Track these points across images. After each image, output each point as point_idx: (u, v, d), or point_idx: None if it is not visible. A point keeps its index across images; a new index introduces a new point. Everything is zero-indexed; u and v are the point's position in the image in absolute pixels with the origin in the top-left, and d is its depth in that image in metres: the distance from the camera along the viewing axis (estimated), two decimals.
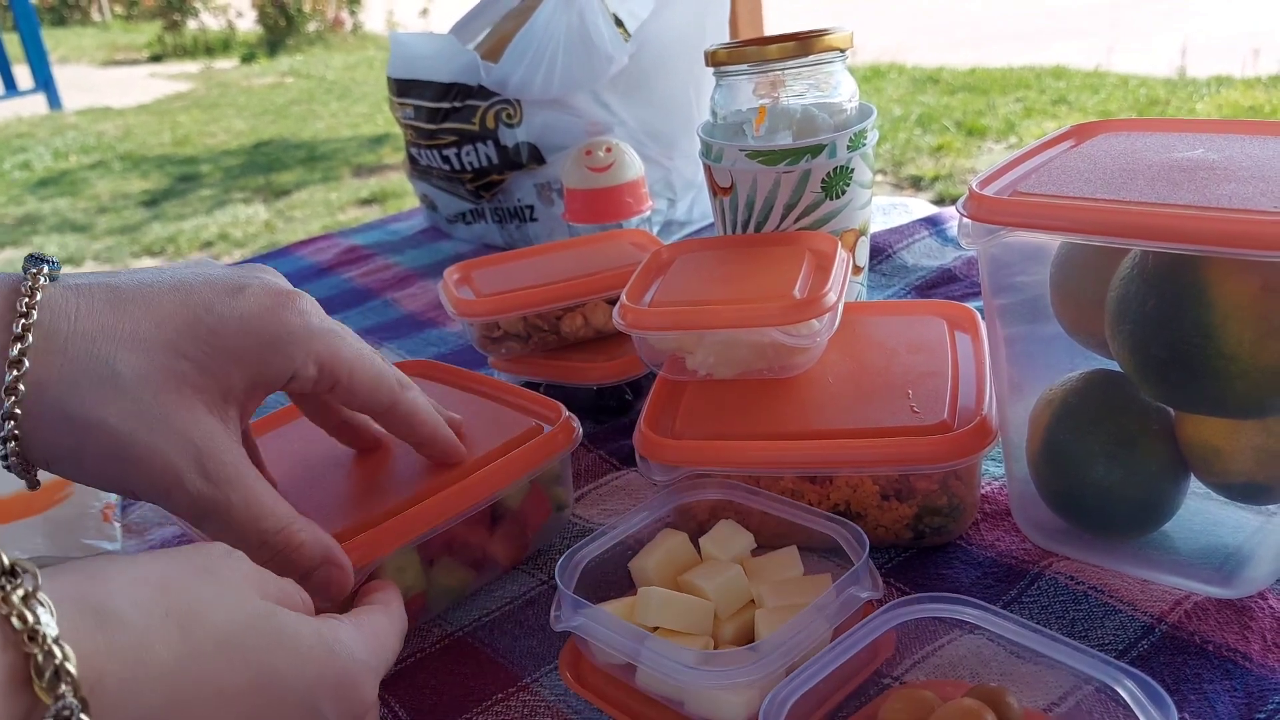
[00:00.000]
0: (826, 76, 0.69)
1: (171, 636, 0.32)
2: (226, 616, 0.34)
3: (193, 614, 0.33)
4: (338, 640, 0.37)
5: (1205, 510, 0.49)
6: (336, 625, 0.38)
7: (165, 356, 0.40)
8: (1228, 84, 4.01)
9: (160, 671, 0.31)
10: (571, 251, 0.77)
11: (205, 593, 0.34)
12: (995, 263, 0.48)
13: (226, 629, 0.33)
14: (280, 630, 0.35)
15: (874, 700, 0.43)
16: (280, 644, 0.35)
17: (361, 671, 0.37)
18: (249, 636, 0.34)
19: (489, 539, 0.54)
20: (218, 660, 0.33)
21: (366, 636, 0.39)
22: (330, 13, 9.13)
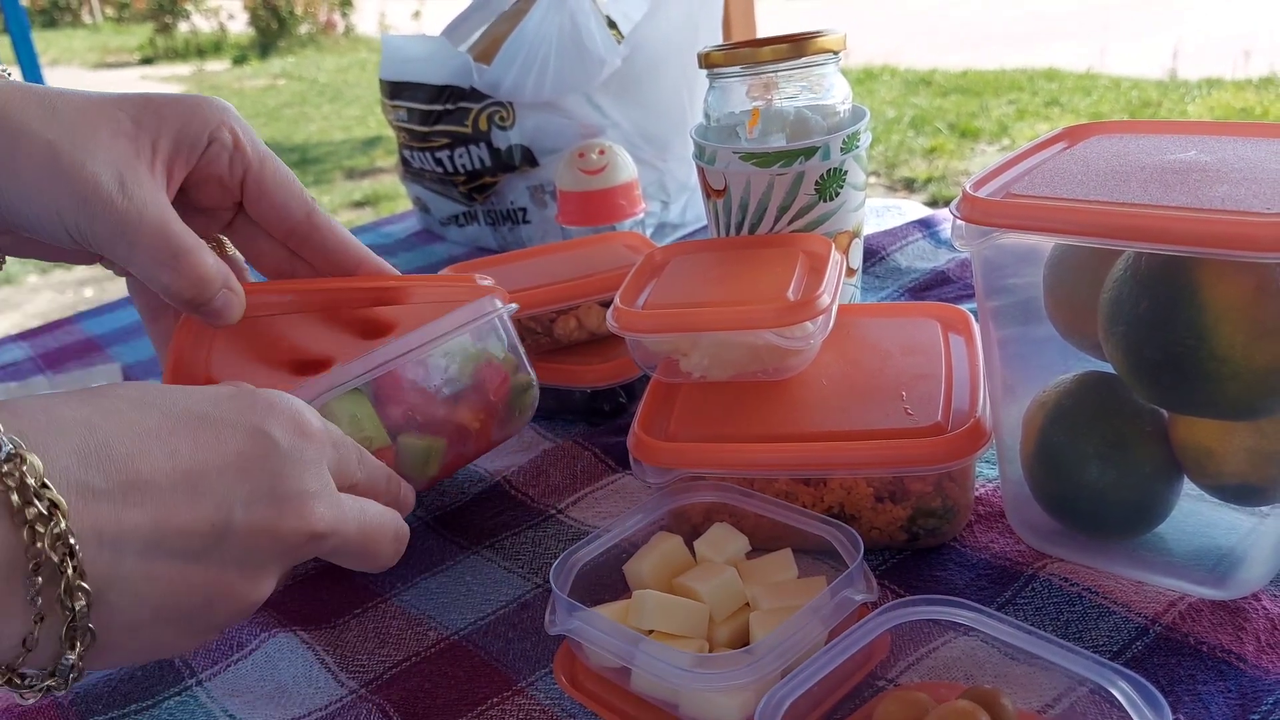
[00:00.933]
0: (819, 78, 0.69)
1: (75, 406, 0.35)
2: (133, 391, 0.37)
3: (96, 392, 0.36)
4: (254, 387, 0.40)
5: (1199, 512, 0.49)
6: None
7: (102, 106, 0.47)
8: (1219, 86, 4.02)
9: (73, 422, 0.34)
10: (566, 254, 0.77)
11: (111, 389, 0.37)
12: (989, 265, 0.48)
13: (134, 394, 0.37)
14: (189, 389, 0.39)
15: (869, 702, 0.42)
16: (191, 393, 0.38)
17: (289, 399, 0.40)
18: (156, 393, 0.37)
19: (454, 409, 0.56)
20: (133, 415, 0.36)
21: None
22: (322, 15, 9.12)
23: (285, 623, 0.54)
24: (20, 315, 3.48)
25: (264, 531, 0.37)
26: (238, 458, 0.37)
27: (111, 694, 0.51)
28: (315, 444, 0.40)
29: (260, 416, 0.38)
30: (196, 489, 0.36)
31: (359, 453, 0.45)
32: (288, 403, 0.40)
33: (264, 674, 0.51)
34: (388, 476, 0.47)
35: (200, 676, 0.51)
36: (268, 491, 0.37)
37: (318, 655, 0.52)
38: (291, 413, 0.40)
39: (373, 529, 0.42)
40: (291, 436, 0.39)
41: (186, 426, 0.36)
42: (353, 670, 0.51)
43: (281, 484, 0.38)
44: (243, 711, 0.49)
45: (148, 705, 0.50)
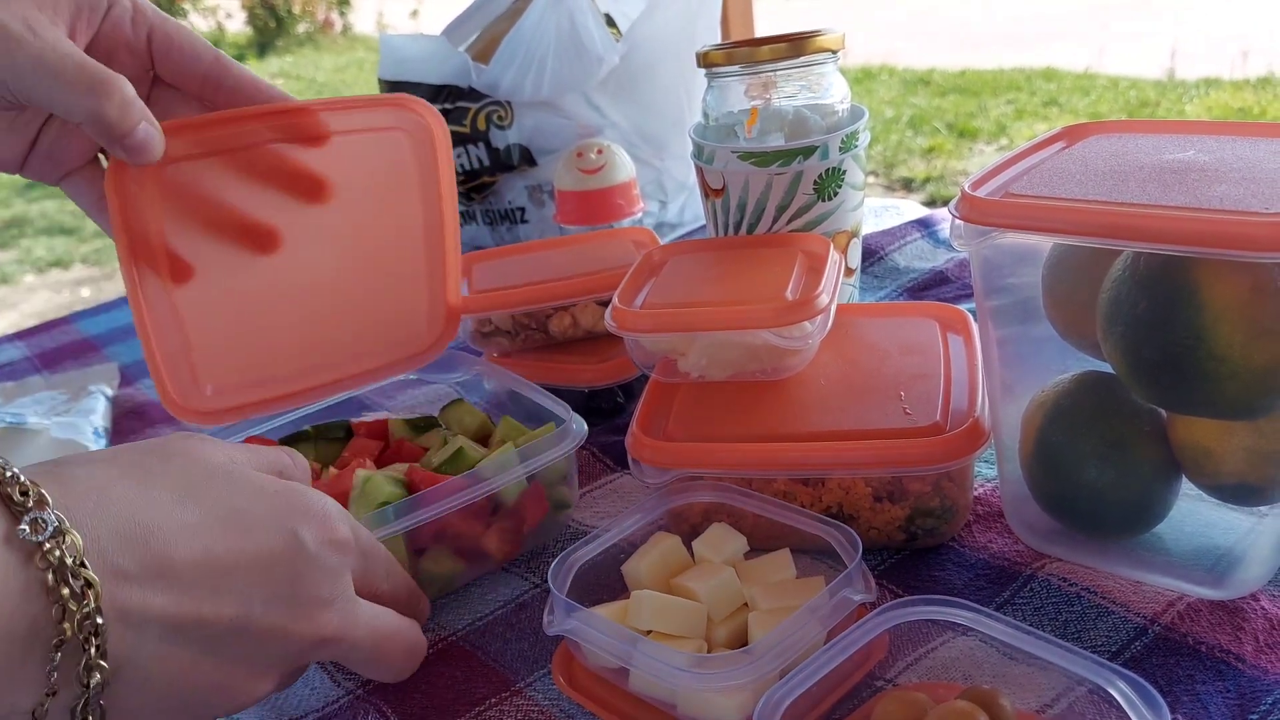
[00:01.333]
0: (818, 78, 0.69)
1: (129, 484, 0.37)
2: (180, 480, 0.38)
3: (147, 470, 0.38)
4: (298, 485, 0.41)
5: (1197, 511, 0.49)
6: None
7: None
8: (1217, 86, 4.03)
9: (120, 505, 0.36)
10: (571, 249, 0.77)
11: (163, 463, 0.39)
12: (987, 264, 0.48)
13: (180, 483, 0.38)
14: (238, 474, 0.40)
15: (867, 703, 0.42)
16: (235, 485, 0.39)
17: (326, 504, 0.41)
18: (203, 483, 0.38)
19: (483, 532, 0.54)
20: (174, 506, 0.37)
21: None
22: (320, 14, 9.11)
23: None
24: (17, 315, 3.47)
25: (276, 632, 0.38)
26: (265, 557, 0.38)
27: None
28: (340, 552, 0.41)
29: (294, 518, 0.40)
30: (222, 584, 0.37)
31: (388, 563, 0.46)
32: (323, 506, 0.41)
33: None
34: (410, 590, 0.48)
35: None
36: (287, 593, 0.39)
37: None
38: (323, 518, 0.41)
39: (385, 638, 0.44)
40: (319, 542, 0.40)
41: (223, 523, 0.38)
42: (350, 671, 0.51)
43: (300, 588, 0.39)
44: (241, 713, 0.49)
45: None
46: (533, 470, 0.53)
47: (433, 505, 0.50)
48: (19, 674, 0.33)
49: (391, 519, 0.49)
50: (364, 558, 0.43)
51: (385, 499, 0.52)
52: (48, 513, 0.33)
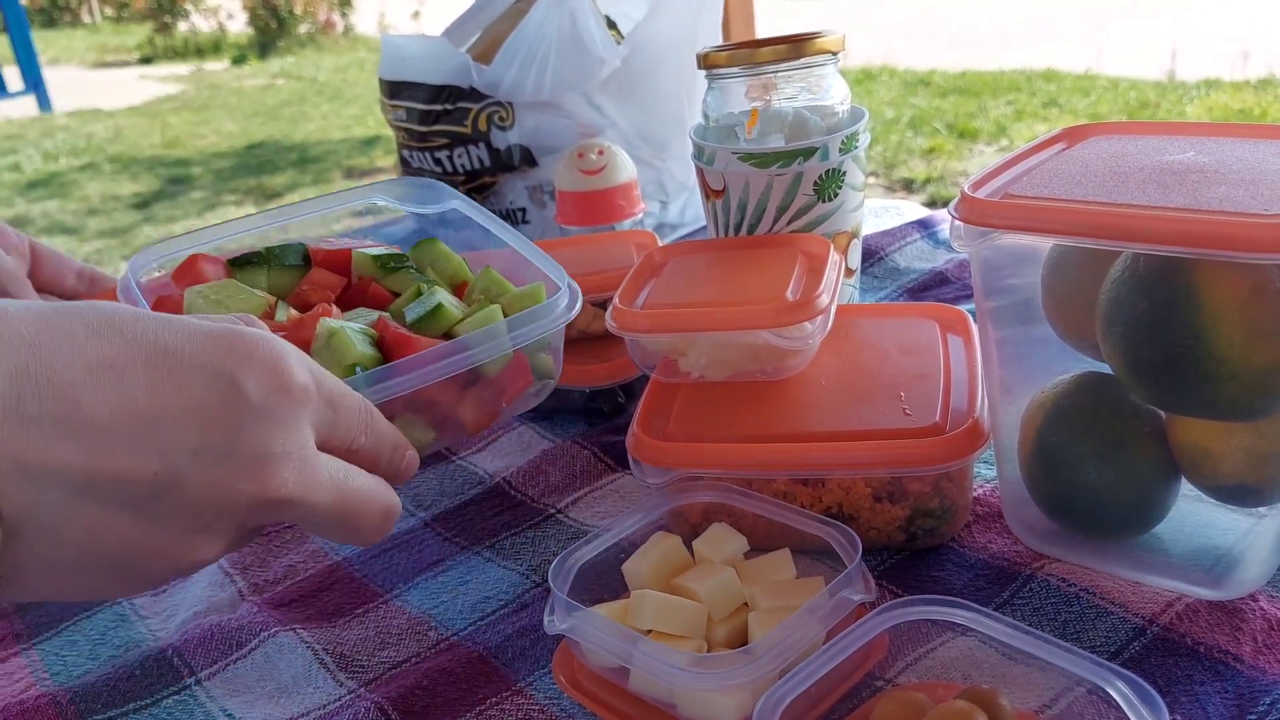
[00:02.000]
0: (818, 79, 0.69)
1: (26, 320, 0.32)
2: (97, 311, 0.33)
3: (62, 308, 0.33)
4: (241, 324, 0.36)
5: (1196, 512, 0.49)
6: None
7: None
8: (1217, 87, 4.03)
9: (18, 338, 0.31)
10: (572, 250, 0.77)
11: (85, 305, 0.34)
12: (987, 265, 0.49)
13: (96, 315, 0.33)
14: (166, 317, 0.34)
15: (867, 702, 0.43)
16: (166, 322, 0.34)
17: (276, 346, 0.35)
18: (128, 318, 0.33)
19: (459, 400, 0.49)
20: (90, 340, 0.32)
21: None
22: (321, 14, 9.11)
23: (285, 622, 0.54)
24: None
25: (212, 491, 0.34)
26: (197, 406, 0.33)
27: (110, 692, 0.51)
28: (295, 401, 0.35)
29: (235, 363, 0.34)
30: (142, 434, 0.32)
31: (367, 413, 0.40)
32: (272, 349, 0.35)
33: (263, 673, 0.51)
34: (394, 444, 0.42)
35: (200, 675, 0.51)
36: (223, 448, 0.33)
37: (317, 655, 0.52)
38: (272, 362, 0.35)
39: (355, 501, 0.38)
40: (266, 389, 0.34)
41: (147, 363, 0.33)
42: (352, 670, 0.51)
43: (242, 441, 0.34)
44: (241, 710, 0.49)
45: (147, 704, 0.50)
46: (520, 343, 0.48)
47: (409, 374, 0.45)
48: None
49: (362, 388, 0.44)
50: (331, 408, 0.38)
51: (355, 360, 0.46)
52: None
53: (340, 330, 0.47)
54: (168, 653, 0.53)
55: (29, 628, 0.58)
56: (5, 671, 0.55)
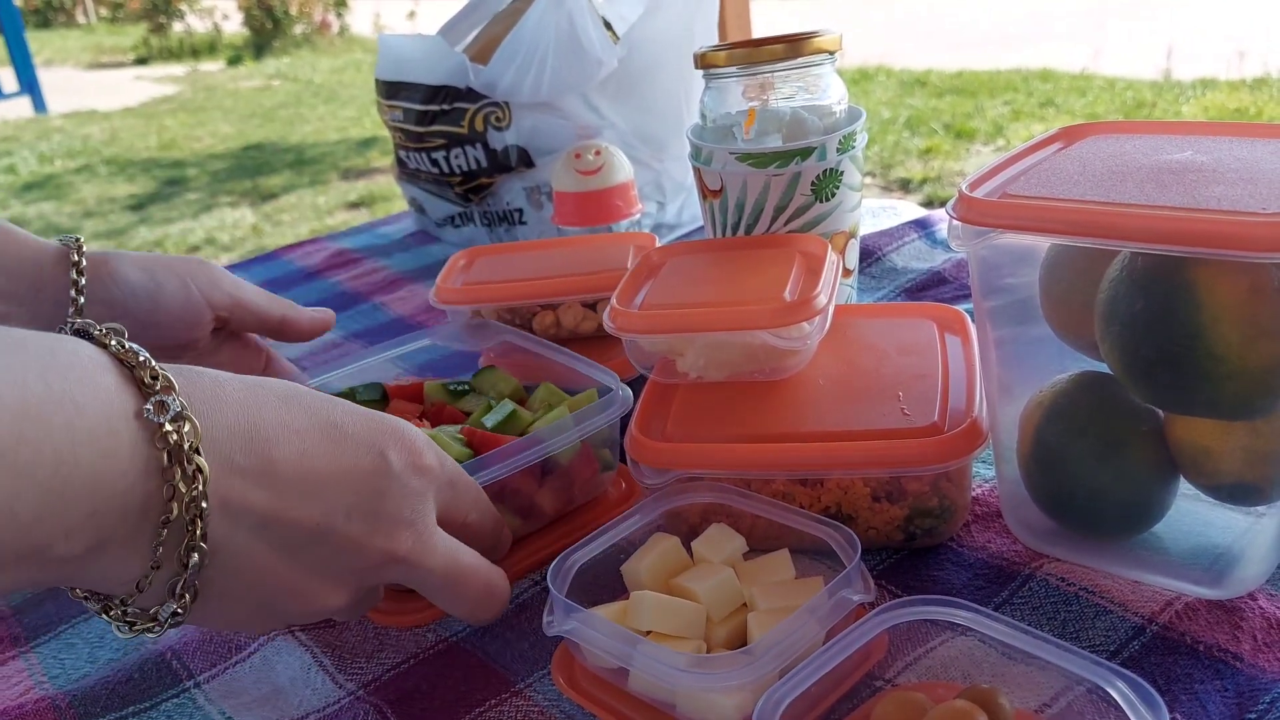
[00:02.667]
0: (815, 79, 0.69)
1: (238, 387, 0.39)
2: (285, 386, 0.41)
3: (257, 381, 0.40)
4: (387, 414, 0.44)
5: (1195, 511, 0.49)
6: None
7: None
8: (1213, 86, 4.03)
9: (234, 401, 0.38)
10: (570, 250, 0.78)
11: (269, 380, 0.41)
12: (985, 265, 0.49)
13: (285, 389, 0.41)
14: (334, 399, 0.43)
15: (866, 702, 0.43)
16: (334, 403, 0.42)
17: (418, 434, 0.44)
18: (307, 394, 0.41)
19: (537, 490, 0.57)
20: (280, 407, 0.40)
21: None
22: (317, 15, 9.11)
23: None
24: None
25: (354, 543, 0.40)
26: (354, 471, 0.40)
27: (110, 695, 0.50)
28: (425, 478, 0.43)
29: (385, 439, 0.42)
30: (314, 490, 0.39)
31: (475, 494, 0.48)
32: (412, 436, 0.44)
33: (261, 676, 0.51)
34: (495, 522, 0.50)
35: (198, 679, 0.51)
36: (369, 509, 0.41)
37: (315, 657, 0.52)
38: (410, 443, 0.43)
39: (461, 571, 0.45)
40: (405, 465, 0.42)
41: (322, 432, 0.40)
42: (350, 672, 0.51)
43: (383, 505, 0.41)
44: (240, 713, 0.49)
45: (146, 707, 0.50)
46: (586, 433, 0.56)
47: (500, 464, 0.52)
48: (130, 545, 0.35)
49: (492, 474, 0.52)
50: (451, 488, 0.45)
51: (454, 456, 0.53)
52: (172, 397, 0.36)
53: (438, 434, 0.56)
54: (166, 656, 0.53)
55: (27, 631, 0.58)
56: (3, 675, 0.54)
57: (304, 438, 0.39)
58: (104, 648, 0.56)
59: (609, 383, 0.59)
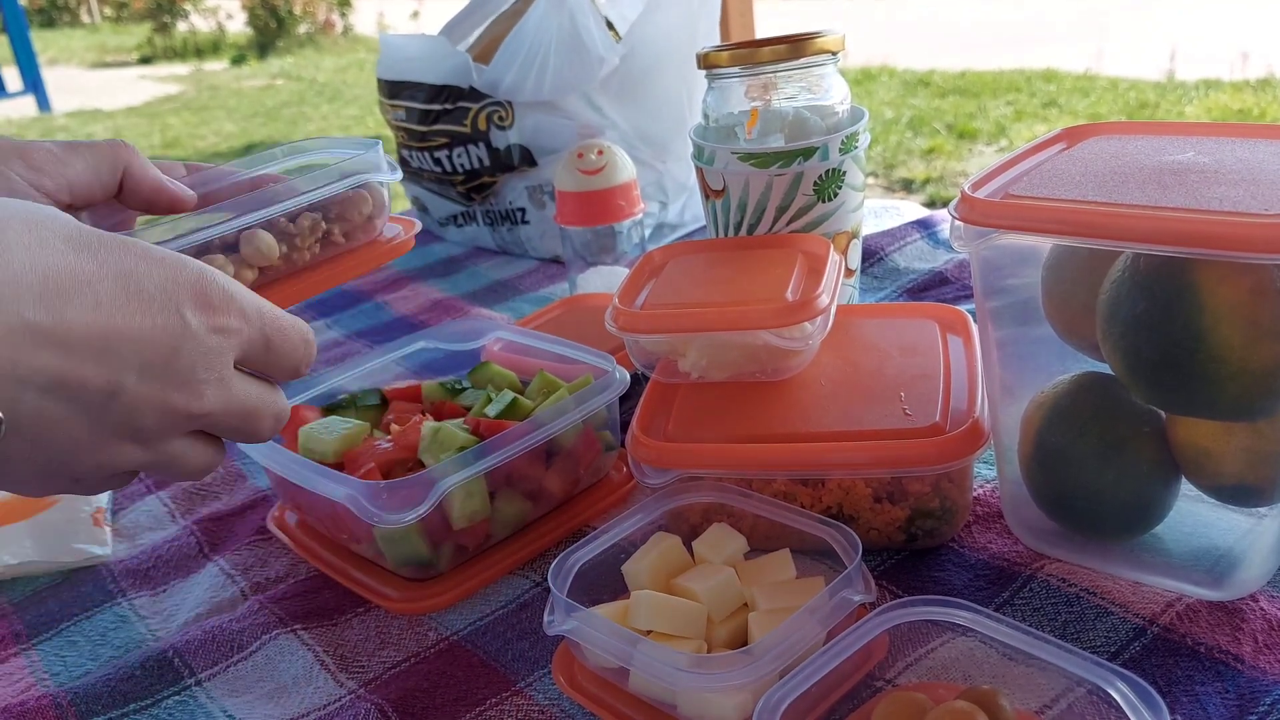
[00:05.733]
0: (818, 79, 0.69)
1: (20, 229, 0.36)
2: (71, 226, 0.38)
3: (40, 219, 0.37)
4: (189, 259, 0.41)
5: (1196, 512, 0.49)
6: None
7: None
8: (1216, 87, 4.03)
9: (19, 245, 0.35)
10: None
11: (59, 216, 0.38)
12: (987, 265, 0.49)
13: (72, 230, 0.38)
14: (128, 241, 0.39)
15: (867, 703, 0.42)
16: (129, 248, 0.39)
17: (220, 288, 0.41)
18: (94, 236, 0.38)
19: (545, 474, 0.58)
20: (69, 253, 0.37)
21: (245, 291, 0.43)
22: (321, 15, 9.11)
23: (286, 622, 0.54)
24: None
25: (147, 402, 0.39)
26: (149, 330, 0.38)
27: (111, 694, 0.51)
28: (224, 336, 0.41)
29: (181, 297, 0.39)
30: (106, 348, 0.37)
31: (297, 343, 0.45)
32: (211, 293, 0.40)
33: (263, 674, 0.51)
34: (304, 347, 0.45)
35: (200, 676, 0.51)
36: (163, 368, 0.39)
37: (317, 655, 0.52)
38: (208, 301, 0.40)
39: (253, 410, 0.43)
40: (202, 325, 0.40)
41: (115, 281, 0.37)
42: (352, 670, 0.51)
43: (176, 362, 0.39)
44: (242, 711, 0.49)
45: (147, 705, 0.50)
46: (587, 414, 0.57)
47: (507, 447, 0.54)
48: None
49: (473, 461, 0.53)
50: (265, 346, 0.43)
51: (461, 444, 0.55)
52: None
53: (443, 426, 0.56)
54: (168, 653, 0.53)
55: (29, 628, 0.58)
56: (5, 672, 0.55)
57: (96, 288, 0.37)
58: (105, 645, 0.56)
59: (604, 365, 0.60)
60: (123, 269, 0.38)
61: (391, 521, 0.50)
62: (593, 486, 0.62)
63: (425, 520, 0.52)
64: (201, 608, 0.57)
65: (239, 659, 0.52)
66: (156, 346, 0.38)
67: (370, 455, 0.56)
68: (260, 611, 0.55)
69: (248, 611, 0.55)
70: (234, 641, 0.53)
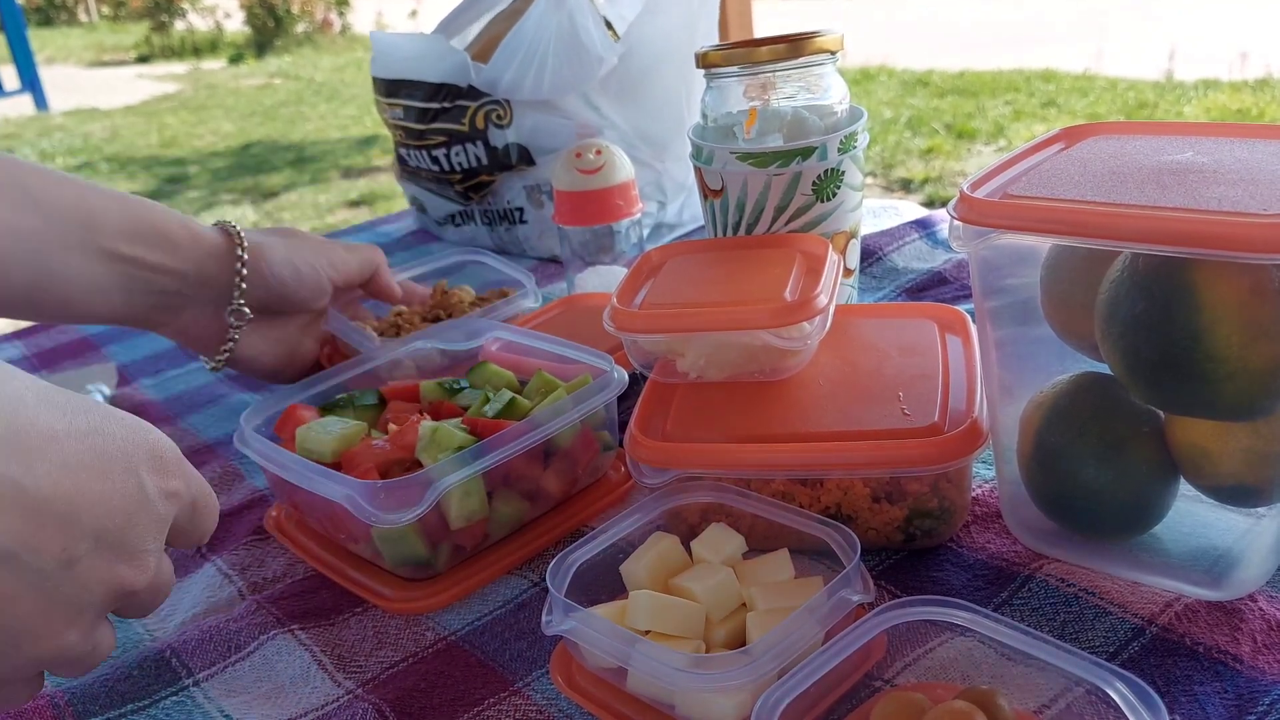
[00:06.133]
0: (817, 79, 0.69)
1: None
2: (32, 380, 0.36)
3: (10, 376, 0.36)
4: (144, 422, 0.40)
5: (1195, 512, 0.49)
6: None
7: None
8: (1215, 87, 4.03)
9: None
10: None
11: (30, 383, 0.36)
12: (986, 265, 0.49)
13: (34, 383, 0.36)
14: (100, 404, 0.38)
15: (865, 703, 0.42)
16: (92, 408, 0.37)
17: (173, 451, 0.40)
18: (56, 391, 0.37)
19: (542, 474, 0.58)
20: (38, 406, 0.35)
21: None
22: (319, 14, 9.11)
23: (284, 622, 0.54)
24: None
25: (98, 576, 0.36)
26: (110, 495, 0.36)
27: (108, 694, 0.50)
28: (171, 503, 0.39)
29: (139, 458, 0.38)
30: (67, 513, 0.34)
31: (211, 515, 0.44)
32: (164, 454, 0.39)
33: (261, 674, 0.51)
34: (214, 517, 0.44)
35: (197, 677, 0.51)
36: (117, 537, 0.36)
37: (315, 655, 0.52)
38: (163, 464, 0.39)
39: (165, 585, 0.41)
40: (156, 491, 0.38)
41: (80, 440, 0.36)
42: (350, 670, 0.51)
43: (130, 533, 0.37)
44: (239, 711, 0.49)
45: (144, 705, 0.50)
46: (585, 413, 0.57)
47: (504, 447, 0.54)
48: None
49: (471, 461, 0.53)
50: (192, 510, 0.41)
51: (458, 444, 0.55)
52: None
53: (440, 426, 0.56)
54: (165, 653, 0.53)
55: None
56: None
57: (63, 446, 0.35)
58: None
59: (602, 365, 0.60)
60: (90, 427, 0.36)
61: (389, 521, 0.50)
62: (591, 486, 0.62)
63: (423, 520, 0.52)
64: (199, 607, 0.57)
65: (236, 659, 0.52)
66: (113, 513, 0.36)
67: (368, 455, 0.56)
68: (258, 611, 0.55)
69: (245, 611, 0.55)
70: (231, 641, 0.53)
